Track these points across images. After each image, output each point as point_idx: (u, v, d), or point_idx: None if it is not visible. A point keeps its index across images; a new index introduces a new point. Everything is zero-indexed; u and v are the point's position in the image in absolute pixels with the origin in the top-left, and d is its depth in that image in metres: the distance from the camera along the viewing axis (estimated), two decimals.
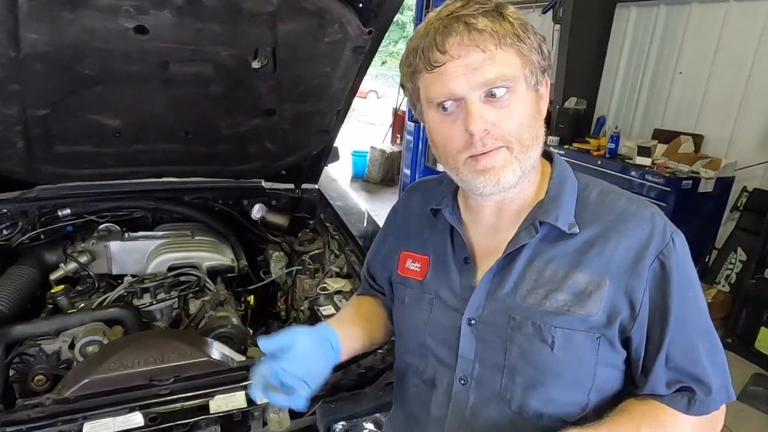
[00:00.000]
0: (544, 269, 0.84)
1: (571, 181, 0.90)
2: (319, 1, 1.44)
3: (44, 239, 1.99)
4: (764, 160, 4.05)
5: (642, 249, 0.81)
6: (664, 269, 0.80)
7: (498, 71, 0.76)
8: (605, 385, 0.86)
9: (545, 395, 0.84)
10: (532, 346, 0.83)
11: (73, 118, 1.73)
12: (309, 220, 2.43)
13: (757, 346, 3.59)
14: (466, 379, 0.89)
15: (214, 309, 1.64)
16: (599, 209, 0.85)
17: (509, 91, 0.77)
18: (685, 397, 0.82)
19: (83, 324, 1.50)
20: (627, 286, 0.81)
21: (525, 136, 0.80)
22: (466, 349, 0.89)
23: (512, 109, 0.78)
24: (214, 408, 1.21)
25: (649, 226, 0.82)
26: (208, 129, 1.96)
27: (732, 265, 4.18)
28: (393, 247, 1.06)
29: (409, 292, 0.99)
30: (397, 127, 8.14)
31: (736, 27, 4.29)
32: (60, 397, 1.21)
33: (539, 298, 0.83)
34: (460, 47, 0.76)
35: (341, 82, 1.76)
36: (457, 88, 0.77)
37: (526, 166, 0.81)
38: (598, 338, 0.82)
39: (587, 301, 0.81)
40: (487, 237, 0.92)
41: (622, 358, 0.85)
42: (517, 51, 0.77)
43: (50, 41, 1.40)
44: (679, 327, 0.81)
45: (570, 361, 0.82)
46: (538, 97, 0.83)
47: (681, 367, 0.82)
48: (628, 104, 5.35)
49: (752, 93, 4.20)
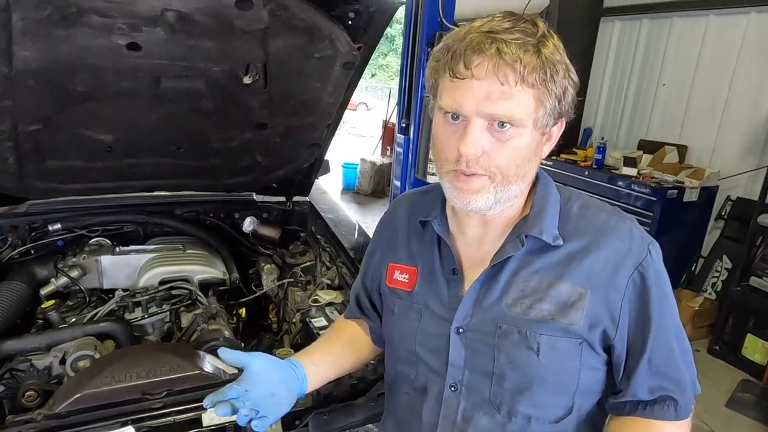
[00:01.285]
0: (529, 280, 0.87)
1: (554, 195, 0.92)
2: (310, 18, 1.47)
3: (34, 254, 1.99)
4: (746, 170, 4.14)
5: (620, 261, 0.84)
6: (644, 280, 0.84)
7: (509, 109, 0.76)
8: (589, 387, 0.90)
9: (532, 399, 0.87)
10: (519, 354, 0.86)
11: (64, 134, 1.74)
12: (300, 232, 2.44)
13: (744, 353, 3.64)
14: (456, 386, 0.92)
15: (206, 322, 1.64)
16: (581, 222, 0.89)
17: (514, 128, 0.78)
18: (671, 405, 0.87)
19: (74, 339, 1.50)
20: (608, 297, 0.84)
21: (511, 172, 0.81)
22: (456, 356, 0.91)
23: (509, 145, 0.79)
24: (206, 421, 1.22)
25: (628, 239, 0.86)
26: (200, 143, 1.98)
27: (718, 273, 4.25)
28: (381, 259, 1.08)
29: (398, 302, 1.01)
30: (387, 139, 8.19)
31: (716, 40, 4.40)
32: (51, 412, 1.21)
33: (525, 307, 0.86)
34: (483, 71, 0.75)
35: (332, 97, 1.79)
36: (464, 108, 0.77)
37: (502, 196, 0.83)
38: (581, 344, 0.86)
39: (570, 311, 0.84)
40: (473, 248, 0.94)
41: (603, 361, 0.89)
42: (536, 94, 0.77)
43: (43, 58, 1.41)
44: (660, 333, 0.85)
45: (555, 366, 0.86)
46: (543, 138, 0.84)
47: (662, 371, 0.86)
48: (613, 115, 5.44)
49: (733, 104, 4.30)
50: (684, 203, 4.17)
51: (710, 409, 3.21)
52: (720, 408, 3.25)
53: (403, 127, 3.80)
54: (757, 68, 4.08)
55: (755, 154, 4.11)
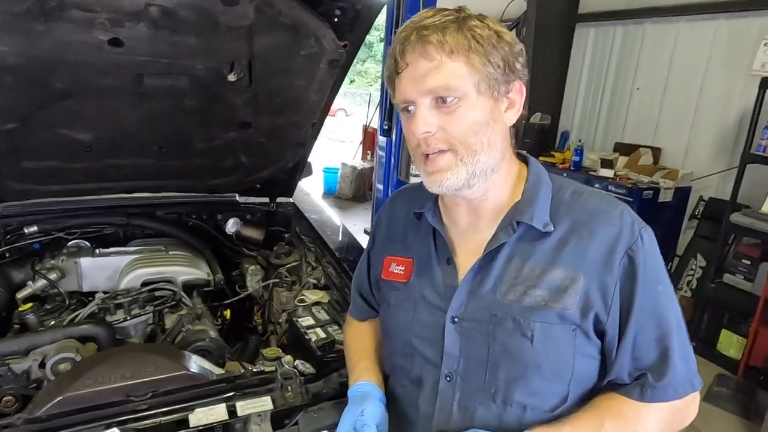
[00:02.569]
0: (522, 267, 0.88)
1: (546, 182, 0.94)
2: (295, 15, 1.47)
3: (10, 257, 1.92)
4: (718, 170, 4.27)
5: (612, 245, 0.86)
6: (633, 264, 0.85)
7: (442, 80, 0.82)
8: (584, 375, 0.90)
9: (527, 387, 0.88)
10: (513, 341, 0.87)
11: (42, 133, 1.69)
12: (284, 233, 2.42)
13: (719, 348, 3.74)
14: (451, 376, 0.92)
15: (191, 323, 1.61)
16: (572, 208, 0.90)
17: (457, 98, 0.82)
18: (637, 386, 0.87)
19: (54, 341, 1.45)
20: (600, 281, 0.85)
21: (471, 140, 0.84)
22: (451, 346, 0.92)
23: (458, 114, 0.83)
24: (194, 421, 1.19)
25: (618, 223, 0.87)
26: (183, 143, 1.95)
27: (693, 271, 4.36)
28: (379, 253, 1.10)
29: (394, 294, 1.02)
30: (367, 144, 8.21)
31: (687, 45, 4.54)
32: (32, 416, 1.17)
33: (518, 294, 0.87)
34: (413, 56, 0.83)
35: (317, 95, 1.79)
36: (408, 94, 0.85)
37: (474, 169, 0.85)
38: (574, 330, 0.86)
39: (563, 295, 0.85)
40: (466, 237, 0.96)
41: (597, 348, 0.89)
42: (466, 61, 0.82)
43: (21, 53, 1.37)
44: (648, 318, 0.86)
45: (549, 353, 0.86)
46: (499, 104, 0.87)
47: (645, 357, 0.87)
48: (590, 119, 5.56)
49: (704, 107, 4.43)
50: (659, 203, 4.28)
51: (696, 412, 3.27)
52: None
53: (385, 129, 3.82)
54: (726, 72, 4.22)
55: (726, 155, 4.24)
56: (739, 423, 3.17)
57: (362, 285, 1.18)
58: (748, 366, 3.50)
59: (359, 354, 1.14)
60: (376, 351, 1.13)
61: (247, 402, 1.24)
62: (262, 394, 1.27)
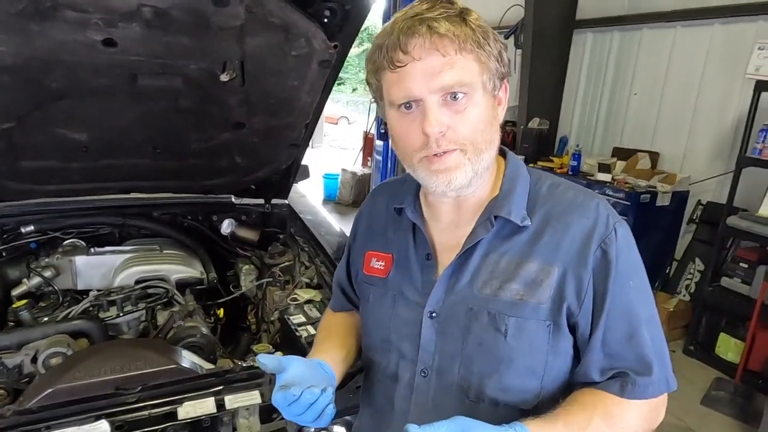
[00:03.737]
0: (499, 261, 0.88)
1: (524, 176, 0.94)
2: (286, 16, 1.49)
3: (6, 256, 1.95)
4: (715, 174, 4.27)
5: (587, 238, 0.85)
6: (606, 257, 0.84)
7: (456, 77, 0.79)
8: (557, 373, 0.88)
9: (500, 383, 0.87)
10: (488, 335, 0.87)
11: (38, 132, 1.72)
12: (279, 234, 2.44)
13: (717, 352, 3.73)
14: (426, 372, 0.92)
15: (182, 319, 1.62)
16: (548, 201, 0.90)
17: (467, 96, 0.81)
18: (617, 381, 0.84)
19: (46, 337, 1.47)
20: (575, 274, 0.84)
21: (479, 139, 0.83)
22: (427, 341, 0.92)
23: (468, 113, 0.81)
24: (182, 414, 1.20)
25: (593, 215, 0.86)
26: (177, 143, 1.97)
27: (691, 275, 4.35)
28: (360, 248, 1.09)
29: (373, 290, 1.02)
30: (367, 150, 8.24)
31: (684, 50, 4.57)
32: (22, 408, 1.18)
33: (494, 289, 0.87)
34: (422, 50, 0.78)
35: (309, 96, 1.81)
36: (416, 90, 0.80)
37: (478, 167, 0.85)
38: (549, 326, 0.85)
39: (538, 289, 0.85)
40: (447, 233, 0.95)
41: (571, 343, 0.88)
42: (476, 57, 0.81)
43: (17, 53, 1.40)
44: (618, 314, 0.84)
45: (522, 348, 0.86)
46: (495, 101, 0.87)
47: (617, 354, 0.85)
48: (588, 124, 5.58)
49: (701, 111, 4.45)
50: (657, 207, 4.28)
51: (686, 406, 3.26)
52: (696, 406, 3.31)
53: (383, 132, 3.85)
54: (723, 77, 4.24)
55: (723, 159, 4.25)
56: (737, 426, 3.15)
57: (342, 279, 1.18)
58: (746, 370, 3.48)
59: (320, 339, 1.13)
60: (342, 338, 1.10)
61: (235, 396, 1.25)
62: (250, 389, 1.28)
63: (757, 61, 3.48)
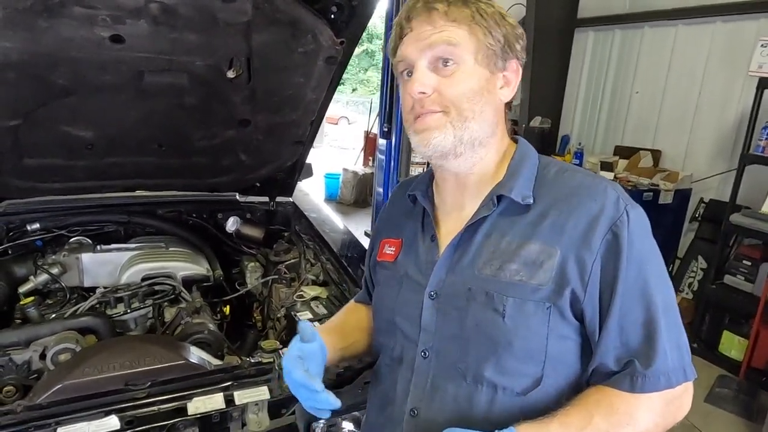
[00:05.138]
0: (500, 241, 0.88)
1: (532, 159, 0.94)
2: (293, 12, 1.50)
3: (12, 254, 1.95)
4: (717, 172, 4.28)
5: (593, 221, 0.83)
6: (617, 240, 0.81)
7: (442, 38, 0.84)
8: (560, 358, 0.85)
9: (498, 365, 0.85)
10: (485, 316, 0.85)
11: (44, 130, 1.72)
12: (284, 232, 2.44)
13: (721, 349, 3.73)
14: (426, 353, 0.92)
15: (190, 316, 1.62)
16: (555, 184, 0.90)
17: (455, 63, 0.85)
18: (627, 375, 0.81)
19: (55, 333, 1.47)
20: (577, 257, 0.82)
21: (465, 106, 0.86)
22: (428, 321, 0.92)
23: (455, 78, 0.85)
24: (192, 410, 1.20)
25: (601, 199, 0.84)
26: (182, 141, 1.97)
27: (694, 273, 4.35)
28: (378, 238, 1.12)
29: (384, 273, 1.04)
30: (368, 149, 8.25)
31: (685, 48, 4.57)
32: (32, 403, 1.18)
33: (494, 269, 0.86)
34: (418, 22, 0.87)
35: (315, 92, 1.81)
36: (408, 54, 0.87)
37: (463, 135, 0.86)
38: (549, 308, 0.83)
39: (538, 271, 0.83)
40: (452, 215, 0.97)
41: (574, 329, 0.85)
42: (468, 30, 0.85)
43: (24, 50, 1.40)
44: (634, 300, 0.81)
45: (520, 330, 0.83)
46: (495, 78, 0.89)
47: (633, 341, 0.82)
48: (590, 122, 5.58)
49: (703, 109, 4.45)
50: (659, 205, 4.28)
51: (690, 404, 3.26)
52: (699, 403, 3.31)
53: (385, 131, 3.85)
54: (724, 74, 4.24)
55: (725, 157, 4.25)
56: (741, 424, 3.15)
57: (367, 271, 1.20)
58: (749, 367, 3.48)
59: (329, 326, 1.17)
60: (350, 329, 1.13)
61: (244, 391, 1.26)
62: (259, 384, 1.29)
63: (760, 58, 3.48)
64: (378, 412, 1.03)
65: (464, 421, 0.86)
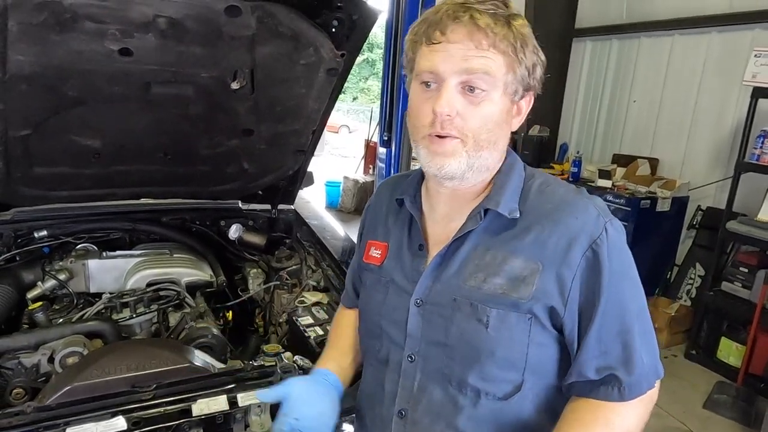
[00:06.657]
0: (485, 255, 0.90)
1: (518, 173, 0.95)
2: (295, 26, 1.55)
3: (20, 260, 1.99)
4: (714, 180, 4.32)
5: (573, 238, 0.85)
6: (597, 258, 0.84)
7: (481, 65, 0.81)
8: (539, 365, 0.89)
9: (481, 372, 0.89)
10: (469, 325, 0.89)
11: (53, 139, 1.77)
12: (286, 239, 2.48)
13: (719, 356, 3.75)
14: (413, 357, 0.95)
15: (194, 320, 1.66)
16: (538, 199, 0.91)
17: (485, 92, 0.83)
18: (615, 386, 0.85)
19: (63, 337, 1.51)
20: (558, 273, 0.85)
21: (483, 136, 0.85)
22: (414, 328, 0.95)
23: (481, 108, 0.84)
24: (196, 411, 1.23)
25: (582, 216, 0.86)
26: (187, 150, 2.02)
27: (692, 280, 4.38)
28: (364, 239, 1.13)
29: (370, 276, 1.06)
30: (369, 158, 8.30)
31: (682, 58, 4.63)
32: (41, 405, 1.22)
33: (479, 281, 0.89)
34: (458, 35, 0.82)
35: (316, 103, 1.86)
36: (440, 68, 0.83)
37: (474, 163, 0.86)
38: (530, 319, 0.86)
39: (521, 285, 0.86)
40: (441, 225, 0.98)
41: (553, 337, 0.89)
42: (506, 59, 0.83)
43: (37, 62, 1.46)
44: (611, 311, 0.85)
45: (503, 340, 0.87)
46: (512, 108, 0.89)
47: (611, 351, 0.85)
48: (588, 131, 5.63)
49: (699, 118, 4.50)
50: (657, 213, 4.32)
51: (688, 410, 3.29)
52: (698, 409, 3.33)
53: (385, 140, 3.90)
54: (720, 84, 4.29)
55: (722, 164, 4.30)
56: (739, 430, 3.17)
57: (353, 273, 1.22)
58: (747, 373, 3.50)
59: (332, 341, 1.20)
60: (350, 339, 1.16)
61: (247, 394, 1.29)
62: (262, 387, 1.32)
63: (754, 68, 3.54)
64: (368, 412, 1.07)
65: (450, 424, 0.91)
